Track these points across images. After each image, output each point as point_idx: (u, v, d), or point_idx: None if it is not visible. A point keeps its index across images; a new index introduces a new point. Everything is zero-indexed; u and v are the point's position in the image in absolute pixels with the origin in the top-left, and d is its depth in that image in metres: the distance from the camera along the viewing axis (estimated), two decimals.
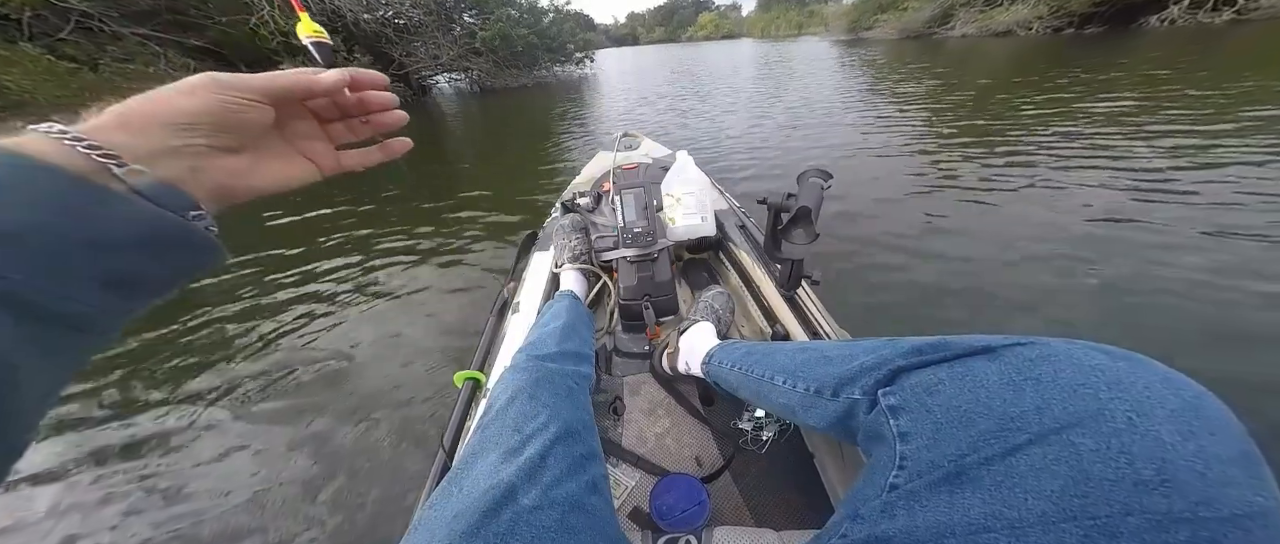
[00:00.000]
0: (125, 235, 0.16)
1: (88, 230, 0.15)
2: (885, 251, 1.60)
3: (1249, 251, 1.36)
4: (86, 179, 0.15)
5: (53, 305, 0.15)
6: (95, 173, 0.16)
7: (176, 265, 0.18)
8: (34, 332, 0.14)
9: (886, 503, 0.24)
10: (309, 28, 0.25)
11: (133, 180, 0.16)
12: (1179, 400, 0.18)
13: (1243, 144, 2.19)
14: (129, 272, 0.16)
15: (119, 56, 5.79)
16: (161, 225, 0.17)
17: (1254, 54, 4.59)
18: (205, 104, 0.19)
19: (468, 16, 9.23)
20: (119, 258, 0.16)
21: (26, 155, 0.15)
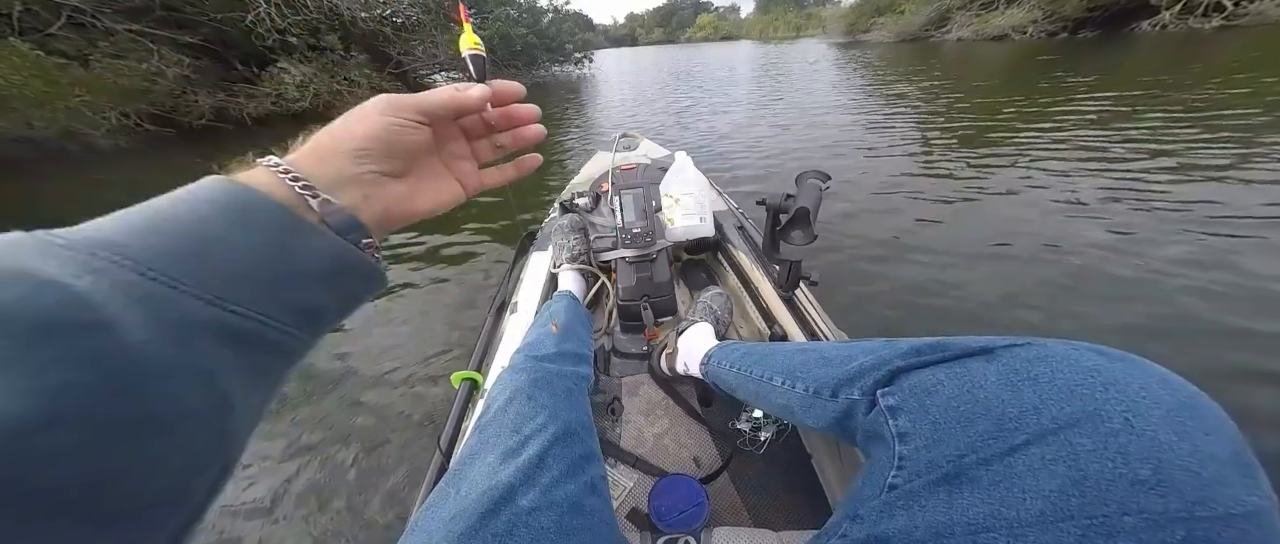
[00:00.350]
0: (319, 265, 0.17)
1: (294, 262, 0.16)
2: (876, 245, 1.63)
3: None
4: (295, 213, 0.17)
5: (270, 336, 0.15)
6: (298, 205, 0.17)
7: (352, 293, 0.19)
8: (252, 360, 0.15)
9: (885, 503, 0.24)
10: (470, 41, 0.24)
11: (323, 210, 0.17)
12: (1174, 401, 0.18)
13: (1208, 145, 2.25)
14: (319, 300, 0.17)
15: (111, 52, 5.71)
16: (346, 255, 0.18)
17: (1225, 61, 4.68)
18: (378, 127, 0.20)
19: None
20: (314, 287, 0.17)
21: (257, 191, 0.16)
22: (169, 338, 0.13)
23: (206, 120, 6.42)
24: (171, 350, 0.13)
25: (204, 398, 0.14)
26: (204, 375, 0.14)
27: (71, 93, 5.28)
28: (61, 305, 0.12)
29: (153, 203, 0.15)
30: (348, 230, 0.18)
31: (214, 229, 0.15)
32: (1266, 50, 5.17)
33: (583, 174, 1.29)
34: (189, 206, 0.15)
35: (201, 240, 0.14)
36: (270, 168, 0.17)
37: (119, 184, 3.91)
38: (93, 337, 0.12)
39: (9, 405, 0.10)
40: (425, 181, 0.23)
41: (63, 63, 5.34)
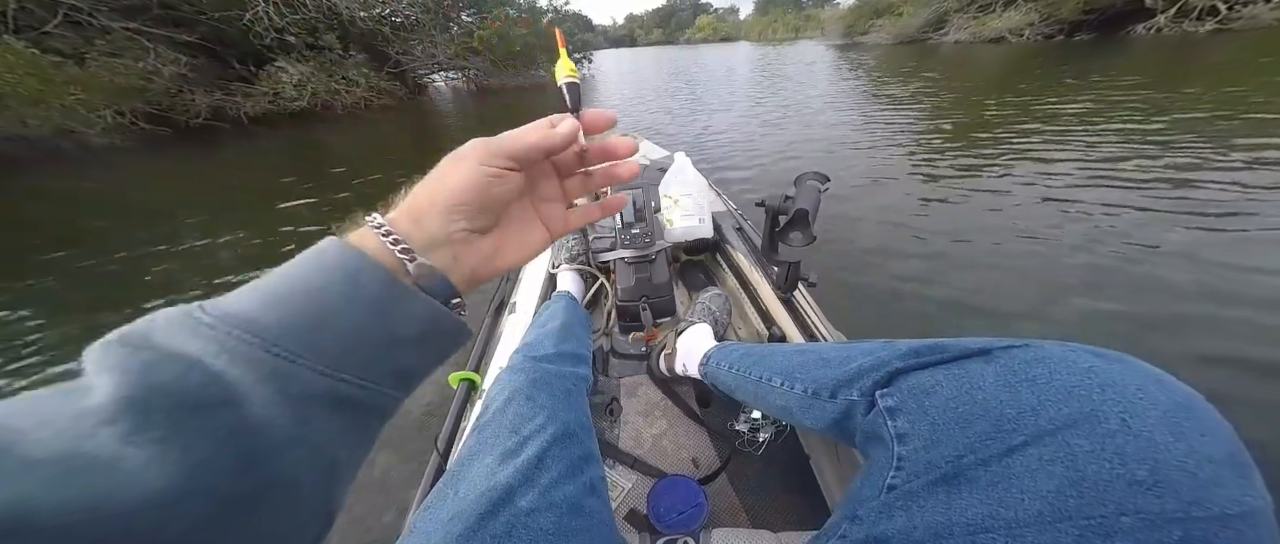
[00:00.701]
0: (415, 330, 0.17)
1: (394, 328, 0.17)
2: (869, 239, 1.67)
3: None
4: (396, 277, 0.17)
5: (373, 400, 0.16)
6: (397, 268, 0.17)
7: (442, 352, 0.19)
8: (356, 424, 0.16)
9: (884, 504, 0.24)
10: (567, 68, 0.23)
11: (417, 273, 0.18)
12: (1170, 402, 0.18)
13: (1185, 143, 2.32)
14: (414, 362, 0.18)
15: (107, 50, 5.68)
16: (438, 318, 0.18)
17: (1207, 65, 4.75)
18: (471, 178, 0.19)
19: (465, 15, 9.19)
20: (410, 350, 0.17)
21: (366, 256, 0.17)
22: (288, 412, 0.14)
23: (203, 119, 6.39)
24: (291, 426, 0.14)
25: (314, 467, 0.15)
26: (316, 446, 0.15)
27: (66, 91, 5.24)
28: (202, 385, 0.13)
29: (283, 270, 0.16)
30: (439, 292, 0.18)
31: (329, 300, 0.16)
32: (1262, 54, 5.23)
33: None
34: (309, 275, 0.16)
35: (319, 313, 0.15)
36: (374, 229, 0.18)
37: (114, 182, 3.89)
38: (226, 415, 0.13)
39: (159, 479, 0.12)
40: (512, 232, 0.22)
41: (58, 61, 5.31)
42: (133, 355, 0.13)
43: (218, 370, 0.13)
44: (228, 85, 6.73)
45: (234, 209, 2.67)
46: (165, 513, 0.11)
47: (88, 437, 0.11)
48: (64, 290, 1.84)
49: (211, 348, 0.14)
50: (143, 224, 2.55)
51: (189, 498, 0.12)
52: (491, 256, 0.21)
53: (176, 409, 0.12)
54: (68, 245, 2.26)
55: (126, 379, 0.12)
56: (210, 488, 0.12)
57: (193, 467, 0.12)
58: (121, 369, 0.12)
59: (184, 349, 0.13)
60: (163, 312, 0.14)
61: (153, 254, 2.11)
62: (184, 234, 2.36)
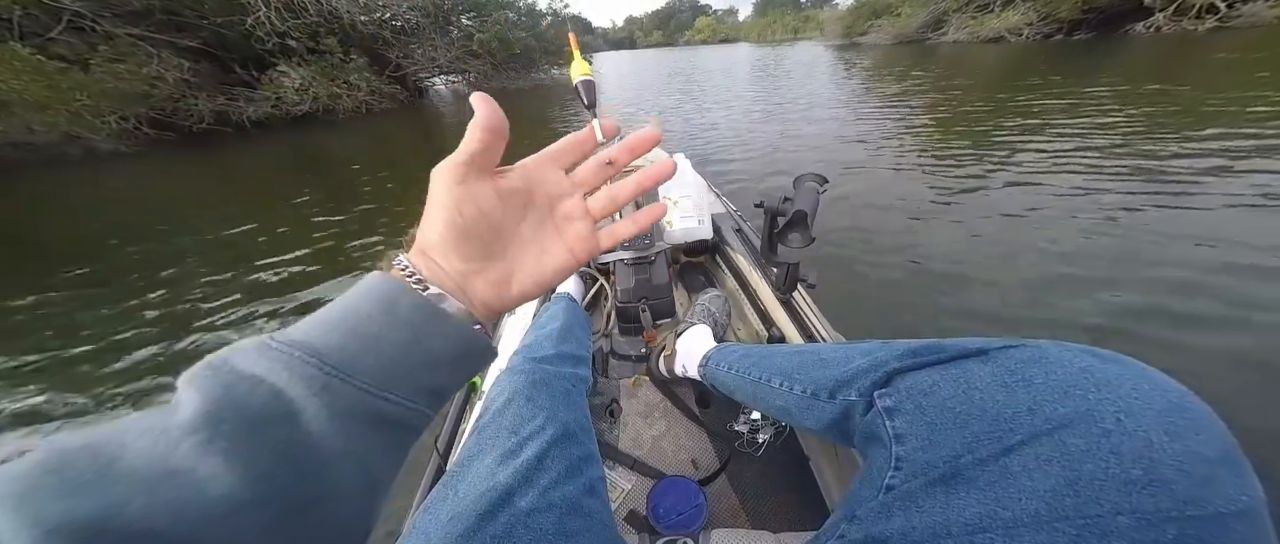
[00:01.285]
0: (446, 351, 0.19)
1: (427, 350, 0.18)
2: (862, 232, 1.72)
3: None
4: (428, 303, 0.18)
5: (409, 418, 0.18)
6: (434, 299, 0.19)
7: (469, 372, 0.20)
8: (393, 439, 0.17)
9: (883, 504, 0.24)
10: (582, 68, 0.23)
11: (446, 306, 0.19)
12: (1165, 401, 0.18)
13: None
14: (444, 382, 0.19)
15: (111, 56, 5.72)
16: (467, 340, 0.19)
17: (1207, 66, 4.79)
18: (439, 202, 0.19)
19: (465, 19, 9.23)
20: (441, 371, 0.19)
21: (403, 286, 0.18)
22: (336, 426, 0.15)
23: (207, 124, 6.43)
24: (338, 439, 0.15)
25: (357, 479, 0.16)
26: (360, 459, 0.16)
27: (72, 97, 5.28)
28: (266, 401, 0.15)
29: (336, 301, 0.18)
30: (465, 317, 0.19)
31: (373, 326, 0.17)
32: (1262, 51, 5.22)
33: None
34: (356, 304, 0.18)
35: (364, 337, 0.17)
36: (398, 266, 0.19)
37: (119, 187, 3.91)
38: (286, 427, 0.15)
39: (228, 486, 0.13)
40: (526, 259, 0.21)
41: (63, 67, 5.35)
42: (214, 376, 0.15)
43: (280, 387, 0.15)
44: (230, 90, 6.77)
45: (237, 210, 2.69)
46: (233, 519, 0.13)
47: (174, 446, 0.13)
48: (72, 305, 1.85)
49: (276, 367, 0.15)
50: (150, 227, 2.57)
51: (252, 507, 0.13)
52: (502, 284, 0.21)
53: (244, 422, 0.14)
54: (75, 252, 2.27)
55: (206, 396, 0.14)
56: (270, 497, 0.14)
57: (256, 476, 0.13)
58: (204, 388, 0.14)
59: (254, 369, 0.15)
60: (243, 341, 0.16)
61: (158, 259, 2.13)
62: (186, 237, 2.37)
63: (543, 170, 0.22)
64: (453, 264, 0.20)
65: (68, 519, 0.11)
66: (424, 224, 0.20)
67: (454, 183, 0.19)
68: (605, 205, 0.23)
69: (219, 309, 1.62)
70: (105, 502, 0.11)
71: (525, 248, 0.21)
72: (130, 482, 0.12)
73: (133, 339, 1.48)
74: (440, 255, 0.19)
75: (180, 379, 0.15)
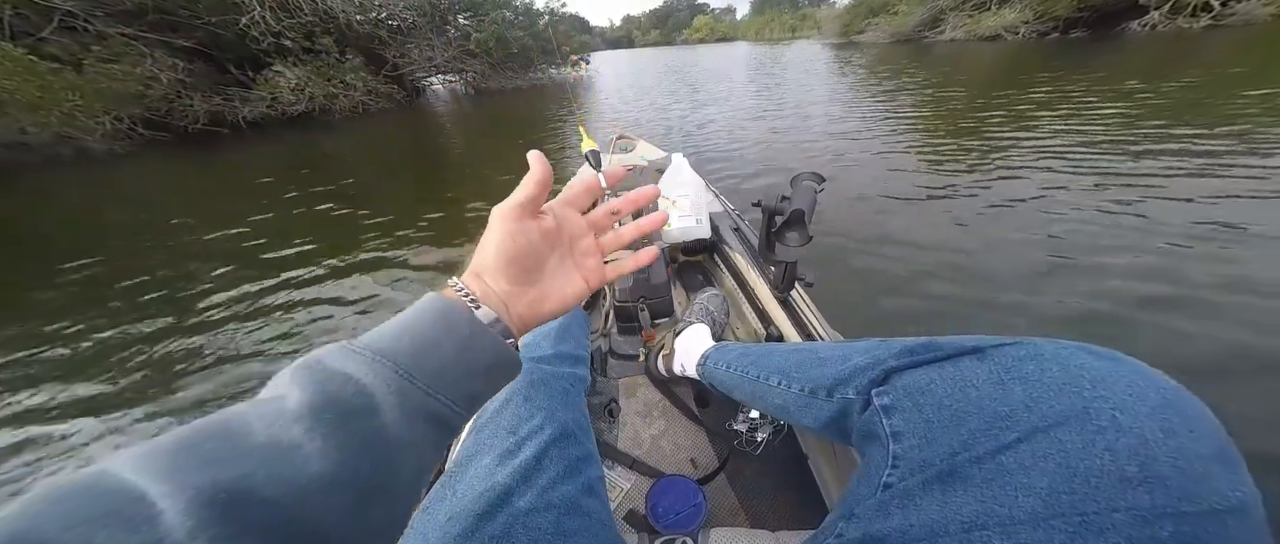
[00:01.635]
0: (485, 361, 0.22)
1: (472, 359, 0.21)
2: (856, 228, 1.74)
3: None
4: (476, 319, 0.22)
5: (453, 419, 0.20)
6: (481, 315, 0.22)
7: (501, 381, 0.23)
8: (439, 437, 0.20)
9: (881, 502, 0.24)
10: (588, 143, 0.32)
11: (486, 319, 0.22)
12: (1160, 398, 0.19)
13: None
14: (481, 388, 0.22)
15: (104, 56, 5.67)
16: (502, 352, 0.22)
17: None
18: (497, 236, 0.24)
19: (462, 19, 9.19)
20: (480, 378, 0.22)
21: (456, 303, 0.22)
22: (404, 420, 0.18)
23: (202, 125, 6.38)
24: (404, 432, 0.18)
25: (412, 468, 0.19)
26: (417, 451, 0.19)
27: (64, 97, 5.23)
28: (355, 394, 0.17)
29: (401, 315, 0.21)
30: (501, 332, 0.23)
31: (432, 336, 0.20)
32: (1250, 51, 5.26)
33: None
34: (418, 317, 0.21)
35: (425, 345, 0.20)
36: (453, 287, 0.23)
37: (116, 188, 3.88)
38: (368, 419, 0.17)
39: (324, 465, 0.15)
40: (553, 285, 0.26)
41: (56, 67, 5.30)
42: (311, 374, 0.17)
43: (365, 384, 0.18)
44: (226, 90, 6.72)
45: (232, 210, 2.67)
46: (326, 496, 0.15)
47: (286, 429, 0.15)
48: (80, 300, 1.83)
49: (361, 367, 0.18)
50: (144, 225, 2.55)
51: (341, 487, 0.15)
52: (537, 304, 0.25)
53: (339, 412, 0.16)
54: (81, 248, 2.26)
55: (309, 390, 0.17)
56: (352, 480, 0.16)
57: (345, 458, 0.16)
58: (305, 383, 0.17)
59: (343, 368, 0.18)
60: (327, 346, 0.19)
61: (148, 257, 2.11)
62: (182, 236, 2.36)
63: (568, 213, 0.28)
64: (501, 286, 0.24)
65: (210, 485, 0.13)
66: (480, 252, 0.24)
67: (511, 221, 0.24)
68: (612, 244, 0.29)
69: (217, 307, 1.61)
70: (238, 471, 0.14)
71: (553, 275, 0.26)
72: (255, 456, 0.14)
73: (119, 339, 1.47)
74: (492, 278, 0.24)
75: (277, 377, 0.18)
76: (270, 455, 0.15)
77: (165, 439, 0.14)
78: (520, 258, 0.24)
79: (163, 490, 0.13)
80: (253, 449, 0.15)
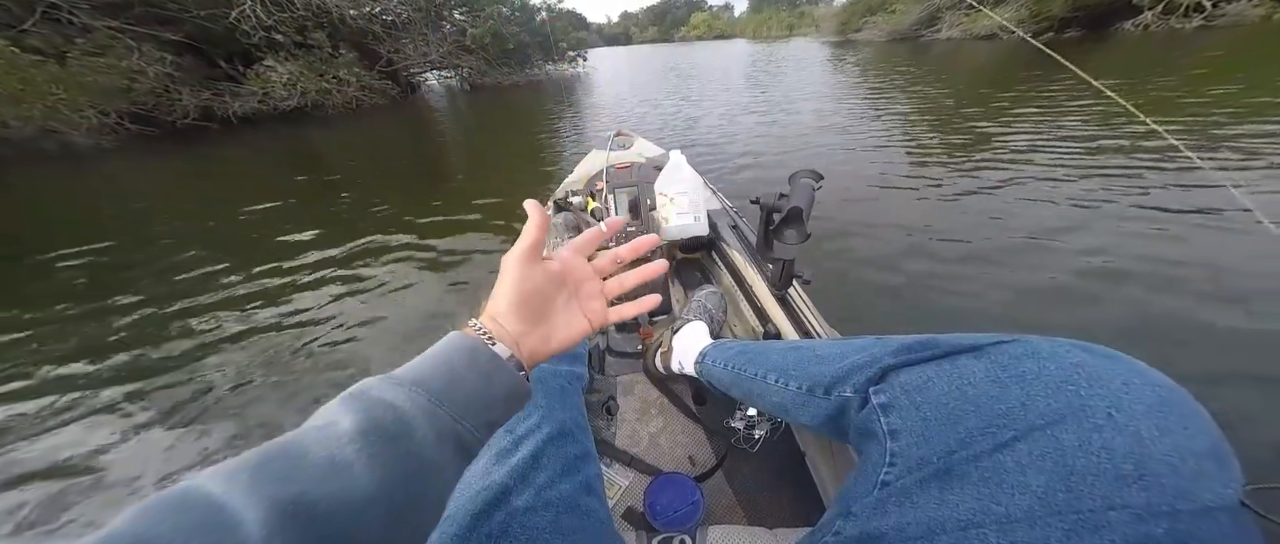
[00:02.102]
0: (503, 392, 0.24)
1: (492, 391, 0.23)
2: (843, 212, 1.81)
3: None
4: (497, 355, 0.24)
5: (473, 446, 0.23)
6: (499, 352, 0.25)
7: (515, 408, 0.25)
8: (461, 459, 0.22)
9: (878, 500, 0.24)
10: (590, 205, 0.34)
11: (503, 355, 0.25)
12: (1155, 396, 0.19)
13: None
14: (498, 416, 0.24)
15: (90, 49, 5.54)
16: (517, 384, 0.25)
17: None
18: (510, 280, 0.26)
19: (458, 14, 9.07)
20: (498, 407, 0.24)
21: (480, 341, 0.24)
22: (435, 445, 0.20)
23: (191, 120, 6.26)
24: (434, 455, 0.20)
25: (438, 488, 0.21)
26: (444, 471, 0.21)
27: (47, 90, 5.11)
28: (396, 421, 0.20)
29: (430, 351, 0.24)
30: (515, 365, 0.25)
31: (459, 370, 0.23)
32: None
33: (577, 173, 1.29)
34: (447, 353, 0.23)
35: (453, 378, 0.22)
36: (473, 327, 0.26)
37: (100, 181, 3.81)
38: (405, 441, 0.19)
39: (370, 483, 0.17)
40: (559, 324, 0.28)
41: (39, 60, 5.17)
42: (357, 401, 0.20)
43: (405, 410, 0.20)
44: (215, 85, 6.59)
45: (223, 204, 2.63)
46: (370, 512, 0.17)
47: (341, 450, 0.18)
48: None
49: (401, 396, 0.20)
50: (127, 221, 2.51)
51: (381, 504, 0.17)
52: (544, 341, 0.27)
53: (384, 436, 0.19)
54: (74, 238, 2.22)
55: (359, 414, 0.19)
56: (390, 498, 0.18)
57: (386, 478, 0.18)
58: (355, 409, 0.19)
59: (386, 397, 0.20)
60: (371, 379, 0.22)
61: (141, 252, 2.08)
62: (159, 234, 2.32)
63: (574, 259, 0.30)
64: (513, 325, 0.26)
65: (282, 497, 0.15)
66: (495, 295, 0.27)
67: (521, 266, 0.27)
68: (614, 288, 0.31)
69: (205, 305, 1.59)
70: (301, 486, 0.16)
71: (559, 316, 0.28)
72: (315, 473, 0.16)
73: (109, 341, 1.45)
74: (505, 319, 0.26)
75: (327, 405, 0.20)
76: (327, 473, 0.17)
77: (242, 458, 0.16)
78: (529, 299, 0.26)
79: (244, 503, 0.15)
80: (313, 467, 0.17)
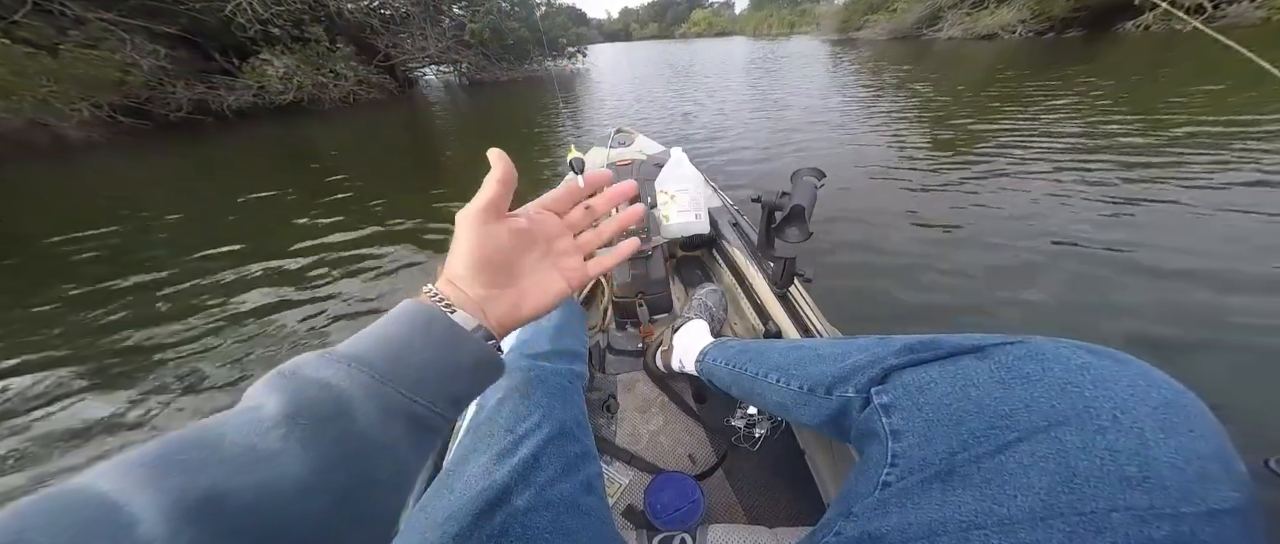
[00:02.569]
0: (465, 364, 0.22)
1: (453, 362, 0.21)
2: (848, 220, 1.84)
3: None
4: (455, 324, 0.22)
5: (434, 421, 0.21)
6: (459, 320, 0.22)
7: (485, 381, 0.24)
8: (421, 439, 0.20)
9: (880, 501, 0.24)
10: (575, 152, 0.31)
11: (467, 325, 0.22)
12: (1161, 398, 0.19)
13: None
14: (464, 390, 0.22)
15: (82, 41, 5.46)
16: (483, 354, 0.23)
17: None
18: (466, 240, 0.24)
19: (457, 9, 8.98)
20: (462, 379, 0.22)
21: (435, 309, 0.22)
22: (380, 424, 0.18)
23: (185, 113, 6.20)
24: (381, 435, 0.18)
25: (392, 471, 0.19)
26: (395, 454, 0.19)
27: (38, 83, 5.04)
28: (332, 401, 0.18)
29: (378, 322, 0.21)
30: (483, 335, 0.23)
31: (411, 342, 0.20)
32: None
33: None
34: (395, 325, 0.21)
35: (403, 351, 0.20)
36: (427, 293, 0.23)
37: (92, 176, 3.77)
38: (343, 422, 0.17)
39: (304, 471, 0.15)
40: (531, 286, 0.26)
41: (30, 51, 5.10)
42: (288, 382, 0.18)
43: (343, 391, 0.18)
44: (210, 78, 6.52)
45: (217, 199, 2.61)
46: (303, 502, 0.15)
47: (264, 436, 0.16)
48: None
49: (339, 375, 0.18)
50: (115, 215, 2.49)
51: (318, 492, 0.16)
52: (515, 306, 0.25)
53: (315, 418, 0.17)
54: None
55: (286, 397, 0.17)
56: (330, 484, 0.16)
57: (323, 465, 0.16)
58: (282, 391, 0.17)
59: (320, 376, 0.18)
60: (305, 355, 0.19)
61: (134, 247, 2.06)
62: (153, 228, 2.30)
63: (542, 215, 0.27)
64: (475, 290, 0.24)
65: (190, 491, 0.14)
66: (451, 258, 0.24)
67: (476, 225, 0.24)
68: (591, 241, 0.29)
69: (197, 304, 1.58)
70: (213, 478, 0.14)
71: (531, 277, 0.26)
72: (232, 463, 0.15)
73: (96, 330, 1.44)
74: (465, 284, 0.24)
75: (254, 387, 0.18)
76: (246, 462, 0.15)
77: (142, 451, 0.15)
78: (491, 260, 0.24)
79: (141, 501, 0.13)
80: (229, 457, 0.15)
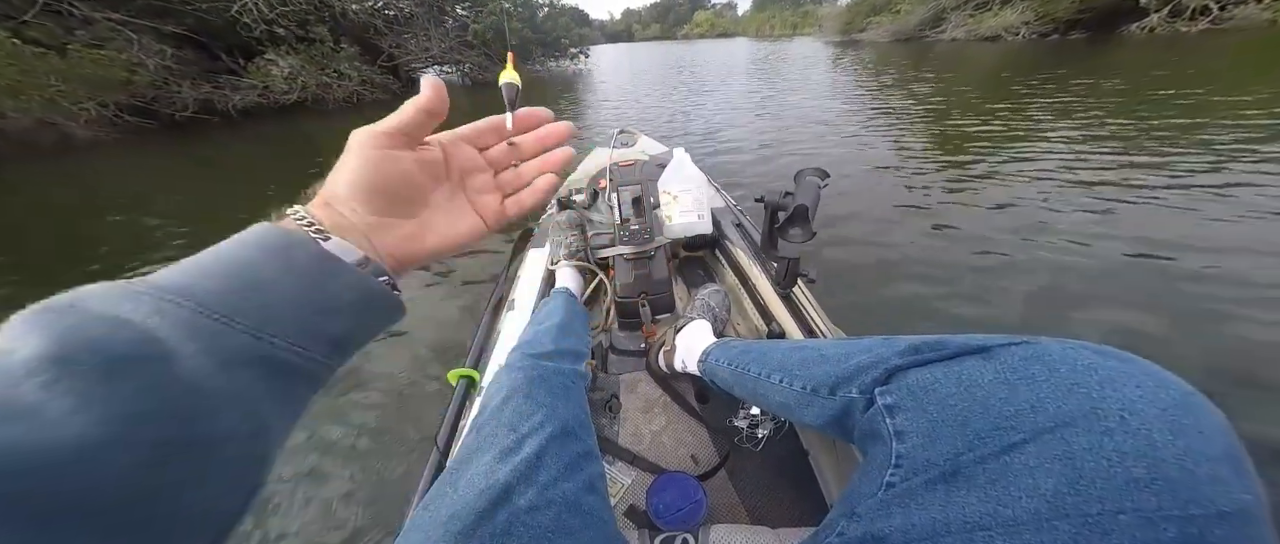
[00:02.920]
0: (346, 298, 0.19)
1: (326, 298, 0.18)
2: (847, 220, 1.86)
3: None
4: (327, 252, 0.18)
5: (301, 364, 0.17)
6: (333, 247, 0.19)
7: (375, 323, 0.20)
8: (285, 387, 0.17)
9: (883, 502, 0.24)
10: (508, 74, 0.25)
11: (348, 257, 0.19)
12: (1169, 399, 0.19)
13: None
14: (345, 331, 0.19)
15: (90, 41, 5.52)
16: (369, 289, 0.19)
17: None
18: (359, 161, 0.20)
19: (460, 9, 9.03)
20: (341, 319, 0.19)
21: (298, 234, 0.18)
22: (219, 370, 0.15)
23: (191, 113, 6.25)
24: (220, 380, 0.15)
25: (243, 422, 0.15)
26: (245, 401, 0.16)
27: (47, 82, 5.09)
28: (132, 342, 0.14)
29: (215, 248, 0.17)
30: (369, 268, 0.20)
31: (261, 272, 0.17)
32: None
33: (580, 170, 1.28)
34: (241, 251, 0.17)
35: (250, 282, 0.16)
36: (293, 216, 0.19)
37: (98, 176, 3.80)
38: (155, 368, 0.14)
39: (83, 426, 0.12)
40: (437, 220, 0.23)
41: (39, 51, 5.15)
42: (59, 318, 0.13)
43: (149, 328, 0.14)
44: (216, 78, 6.57)
45: (217, 198, 2.62)
46: (92, 461, 0.12)
47: (11, 387, 0.12)
48: None
49: (144, 309, 0.14)
50: (123, 211, 2.51)
51: (115, 446, 0.12)
52: (415, 239, 0.22)
53: (103, 362, 0.13)
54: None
55: (52, 337, 0.13)
56: (139, 438, 0.13)
57: (118, 416, 0.13)
58: (47, 329, 0.13)
59: (115, 312, 0.14)
60: (93, 285, 0.15)
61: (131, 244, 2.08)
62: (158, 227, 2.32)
63: (459, 147, 0.24)
64: (361, 216, 0.20)
65: None
66: (332, 178, 0.21)
67: (373, 147, 0.21)
68: (512, 181, 0.25)
69: None
70: None
71: (438, 212, 0.23)
72: None
73: None
74: (347, 207, 0.20)
75: (9, 324, 0.13)
76: None
77: None
78: (385, 187, 0.21)
79: None
80: None
